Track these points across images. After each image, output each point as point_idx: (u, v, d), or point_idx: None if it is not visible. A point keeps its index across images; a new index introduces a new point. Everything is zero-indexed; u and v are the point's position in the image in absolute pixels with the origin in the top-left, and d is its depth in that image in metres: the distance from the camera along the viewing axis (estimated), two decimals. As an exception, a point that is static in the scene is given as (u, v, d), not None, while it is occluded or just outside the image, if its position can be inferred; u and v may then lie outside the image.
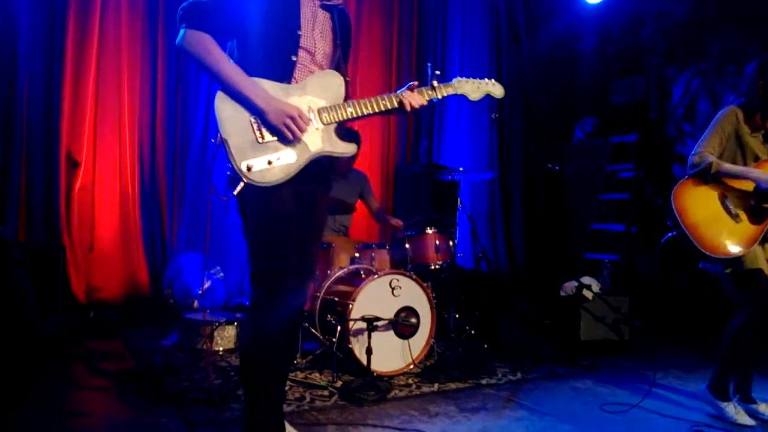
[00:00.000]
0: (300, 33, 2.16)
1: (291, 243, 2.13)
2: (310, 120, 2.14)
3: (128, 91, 4.80)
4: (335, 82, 2.22)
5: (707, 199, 3.06)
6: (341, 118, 2.19)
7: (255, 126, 2.06)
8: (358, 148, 2.45)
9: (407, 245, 4.06)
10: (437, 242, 4.08)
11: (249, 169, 2.03)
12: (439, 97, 2.36)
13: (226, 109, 2.05)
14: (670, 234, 3.11)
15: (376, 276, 3.51)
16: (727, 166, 3.06)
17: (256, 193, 2.06)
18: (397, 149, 6.12)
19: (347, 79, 2.26)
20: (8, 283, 3.33)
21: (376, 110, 2.24)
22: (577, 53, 6.97)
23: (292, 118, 2.07)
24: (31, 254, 3.99)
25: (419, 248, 4.08)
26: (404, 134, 6.15)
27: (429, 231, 4.10)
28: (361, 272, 3.77)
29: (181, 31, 2.07)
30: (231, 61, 2.09)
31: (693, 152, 3.11)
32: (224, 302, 4.86)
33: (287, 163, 2.09)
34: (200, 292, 4.60)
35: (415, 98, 2.26)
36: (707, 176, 3.06)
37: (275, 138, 2.08)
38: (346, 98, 2.23)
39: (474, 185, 6.39)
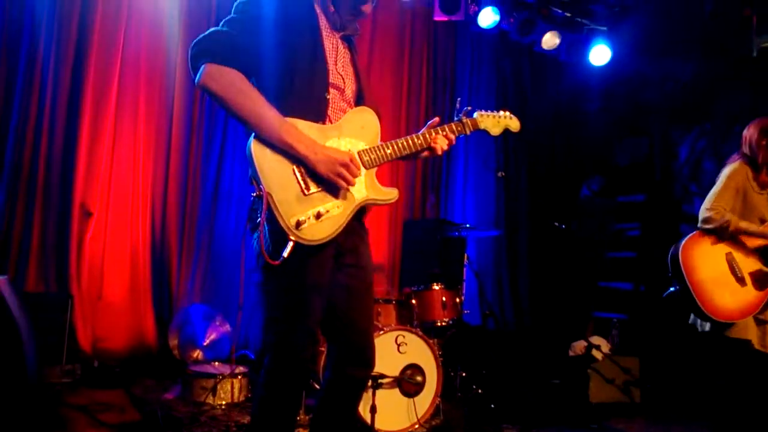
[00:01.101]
0: (328, 68, 2.01)
1: (318, 310, 1.92)
2: (360, 166, 1.97)
3: (144, 143, 4.90)
4: (371, 120, 2.06)
5: (715, 257, 3.05)
6: (382, 161, 2.03)
7: (299, 176, 1.85)
8: None
9: (413, 301, 4.05)
10: (444, 299, 4.06)
11: (299, 225, 1.81)
12: (467, 132, 2.28)
13: (265, 158, 1.82)
14: (672, 288, 3.09)
15: (381, 332, 3.49)
16: (745, 225, 3.06)
17: (296, 252, 1.80)
18: (404, 204, 6.17)
19: (378, 114, 2.11)
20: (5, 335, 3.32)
21: (413, 150, 2.10)
22: (582, 113, 7.09)
23: (345, 166, 1.88)
24: (38, 303, 4.00)
25: (426, 304, 4.06)
26: (412, 189, 6.20)
27: (436, 287, 4.10)
28: (373, 323, 3.75)
29: (203, 67, 1.85)
30: (267, 101, 1.87)
31: (706, 206, 3.11)
32: (229, 354, 4.82)
33: (336, 215, 1.88)
34: (205, 343, 4.57)
35: (443, 141, 2.16)
36: (725, 235, 3.05)
37: (320, 188, 1.87)
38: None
39: (481, 241, 6.41)
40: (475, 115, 2.32)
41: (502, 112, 2.40)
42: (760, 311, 2.99)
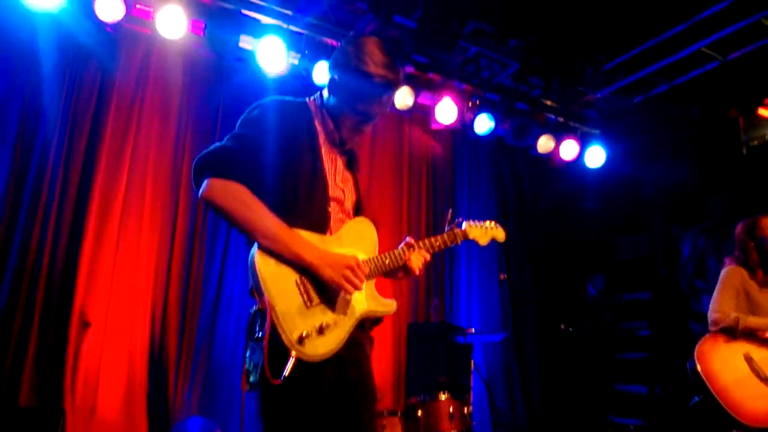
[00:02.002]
0: (327, 182, 2.06)
1: (317, 429, 1.86)
2: (367, 273, 1.96)
3: (146, 250, 4.88)
4: (369, 231, 2.10)
5: (734, 360, 2.99)
6: (381, 271, 2.05)
7: (302, 287, 1.84)
8: None
9: (419, 413, 3.92)
10: (451, 409, 3.93)
11: (301, 340, 1.76)
12: (458, 243, 2.34)
13: (269, 269, 1.80)
14: (696, 398, 2.98)
15: (387, 447, 3.35)
16: (753, 320, 3.03)
17: (297, 367, 1.75)
18: (408, 307, 6.10)
19: (376, 224, 2.15)
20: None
21: (402, 264, 2.12)
22: (582, 212, 7.19)
23: (352, 269, 1.88)
24: (29, 420, 3.87)
25: (432, 416, 3.92)
26: (416, 291, 6.16)
27: (442, 397, 3.97)
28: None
29: (206, 181, 1.89)
30: (272, 213, 1.89)
31: (712, 309, 3.10)
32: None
33: (338, 328, 1.86)
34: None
35: (418, 260, 2.16)
36: (735, 334, 3.01)
37: (323, 300, 1.86)
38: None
39: (488, 345, 6.28)
40: (464, 225, 2.38)
41: (488, 223, 2.48)
42: None
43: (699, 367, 2.96)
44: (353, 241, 2.03)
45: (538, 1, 4.94)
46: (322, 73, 4.93)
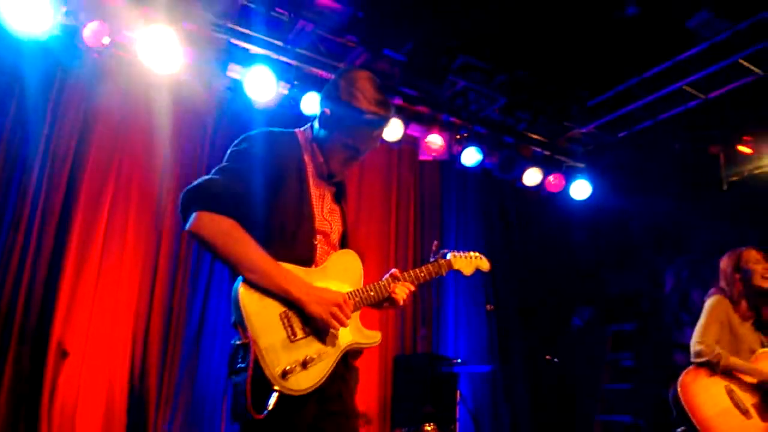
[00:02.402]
0: (314, 215, 2.06)
1: None
2: (352, 307, 1.97)
3: (128, 279, 4.82)
4: (354, 263, 2.10)
5: (716, 393, 3.02)
6: (366, 303, 2.06)
7: (286, 321, 1.83)
8: None
9: (406, 444, 3.89)
10: (437, 440, 3.91)
11: (285, 375, 1.74)
12: (443, 273, 2.35)
13: (252, 303, 1.79)
14: (679, 429, 3.01)
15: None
16: (734, 361, 3.06)
17: (279, 402, 1.73)
18: (395, 337, 6.07)
19: (361, 256, 2.14)
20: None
21: (386, 296, 2.14)
22: (568, 244, 7.25)
23: (339, 307, 1.89)
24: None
25: (419, 447, 3.90)
26: (402, 321, 6.14)
27: (428, 428, 3.95)
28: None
29: (194, 215, 1.86)
30: (259, 246, 1.88)
31: (696, 341, 3.13)
32: None
33: (322, 362, 1.85)
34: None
35: (403, 291, 2.18)
36: (716, 369, 3.05)
37: (307, 334, 1.85)
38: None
39: (475, 377, 6.26)
40: (449, 256, 2.40)
41: (473, 253, 2.50)
42: None
43: (682, 399, 2.98)
44: (338, 273, 2.03)
45: (526, 38, 5.07)
46: (311, 104, 4.96)
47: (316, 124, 2.17)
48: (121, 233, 4.88)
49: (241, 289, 1.81)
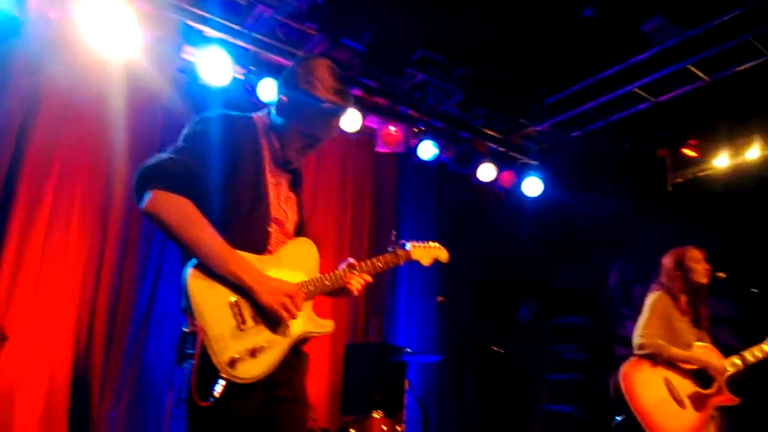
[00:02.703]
0: (270, 202, 2.03)
1: None
2: (305, 297, 1.96)
3: (72, 265, 4.66)
4: (310, 252, 2.08)
5: (654, 383, 3.15)
6: (321, 292, 2.04)
7: (236, 309, 1.81)
8: None
9: (352, 430, 3.92)
10: (384, 427, 3.96)
11: (233, 363, 1.73)
12: (401, 263, 2.34)
13: (202, 290, 1.77)
14: (618, 417, 3.13)
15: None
16: (674, 351, 3.20)
17: (227, 389, 1.73)
18: (347, 327, 6.10)
19: (317, 245, 2.13)
20: None
21: (341, 285, 2.13)
22: (519, 240, 7.40)
23: (291, 297, 1.87)
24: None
25: (365, 435, 3.94)
26: (354, 312, 6.18)
27: (376, 415, 4.00)
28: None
29: (150, 193, 1.81)
30: (215, 231, 1.85)
31: (638, 333, 3.25)
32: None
33: (272, 350, 1.84)
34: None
35: (358, 282, 2.18)
36: (657, 359, 3.17)
37: (257, 323, 1.83)
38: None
39: (424, 367, 6.35)
40: (408, 246, 2.39)
41: (432, 243, 2.49)
42: None
43: (623, 388, 3.10)
44: (293, 261, 2.01)
45: (485, 35, 5.13)
46: (267, 90, 4.89)
47: (273, 111, 2.13)
48: (67, 215, 4.72)
49: (190, 277, 1.79)
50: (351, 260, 2.23)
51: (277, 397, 1.93)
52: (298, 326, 1.94)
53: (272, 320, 1.86)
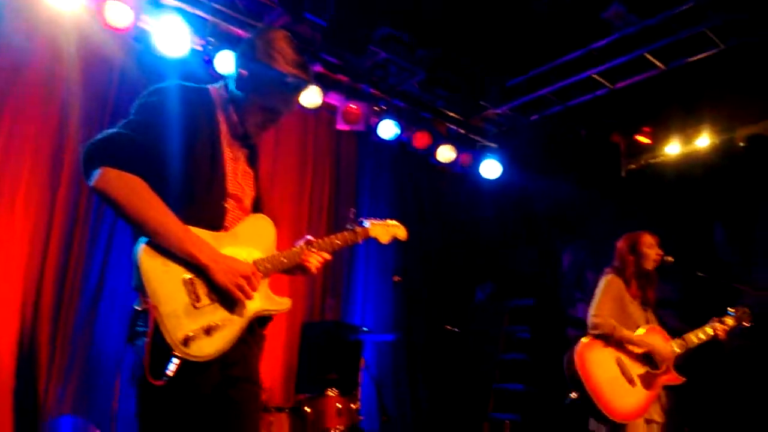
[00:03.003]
0: (227, 177, 1.99)
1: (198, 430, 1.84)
2: (261, 276, 1.93)
3: (18, 240, 4.47)
4: (267, 228, 2.05)
5: (606, 362, 3.25)
6: (278, 270, 2.02)
7: (190, 287, 1.77)
8: None
9: (307, 408, 3.93)
10: (339, 405, 3.97)
11: (186, 342, 1.70)
12: (359, 241, 2.33)
13: (155, 267, 1.73)
14: (571, 395, 3.22)
15: (273, 444, 3.33)
16: (625, 333, 3.30)
17: (180, 368, 1.70)
18: (304, 306, 6.08)
19: (275, 222, 2.10)
20: None
21: (298, 263, 2.11)
22: (477, 222, 7.49)
23: (247, 278, 1.84)
24: None
25: (320, 412, 3.95)
26: (311, 291, 6.16)
27: (330, 393, 4.01)
28: (258, 439, 3.57)
29: (99, 171, 1.76)
30: (167, 208, 1.80)
31: (592, 314, 3.34)
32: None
33: (227, 329, 1.81)
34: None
35: (316, 259, 2.17)
36: (610, 340, 3.27)
37: (212, 300, 1.81)
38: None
39: (380, 344, 6.39)
40: (366, 224, 2.38)
41: (390, 221, 2.49)
42: (647, 412, 3.18)
43: (576, 366, 3.19)
44: (249, 238, 1.98)
45: (449, 16, 5.11)
46: (225, 62, 4.76)
47: (231, 84, 2.07)
48: (13, 186, 4.52)
49: (142, 253, 1.74)
50: (309, 237, 2.21)
51: (232, 376, 1.91)
52: (254, 304, 1.91)
53: (228, 298, 1.83)
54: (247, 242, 1.96)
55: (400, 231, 2.51)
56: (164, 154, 1.85)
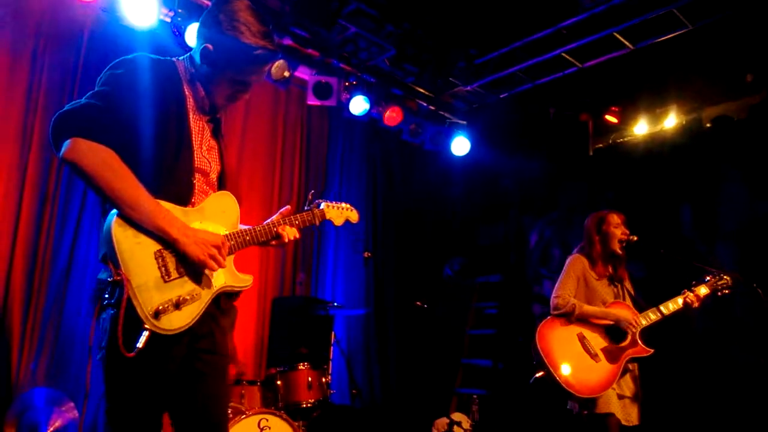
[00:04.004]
0: (194, 152, 2.00)
1: (165, 402, 1.91)
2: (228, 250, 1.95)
3: None
4: (232, 206, 2.07)
5: (568, 339, 3.30)
6: (242, 247, 2.04)
7: (160, 261, 1.80)
8: None
9: (279, 382, 3.96)
10: (310, 379, 4.01)
11: (157, 314, 1.73)
12: (317, 223, 2.37)
13: (127, 240, 1.75)
14: (538, 374, 3.27)
15: (243, 416, 3.37)
16: (588, 308, 3.35)
17: (150, 341, 1.72)
18: (275, 281, 6.09)
19: (239, 199, 2.13)
20: None
21: (268, 237, 2.15)
22: (446, 198, 7.54)
23: (218, 248, 1.88)
24: None
25: (291, 385, 3.98)
26: (282, 266, 6.16)
27: (301, 367, 4.04)
28: (228, 411, 3.58)
29: (69, 142, 1.76)
30: (139, 182, 1.81)
31: (554, 295, 3.39)
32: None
33: (195, 303, 1.85)
34: (48, 432, 4.10)
35: (292, 231, 2.22)
36: (571, 318, 3.33)
37: (181, 275, 1.84)
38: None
39: (350, 319, 6.45)
40: (323, 206, 2.42)
41: (344, 204, 2.54)
42: (619, 387, 3.24)
43: (539, 346, 3.24)
44: (215, 215, 2.00)
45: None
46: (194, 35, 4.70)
47: (197, 58, 2.05)
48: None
49: (115, 224, 1.76)
50: (276, 216, 2.25)
51: (199, 348, 1.94)
52: (219, 280, 1.95)
53: (196, 272, 1.87)
54: (212, 218, 1.99)
55: (352, 214, 2.56)
56: (132, 127, 1.85)
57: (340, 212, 2.48)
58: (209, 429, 1.95)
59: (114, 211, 1.79)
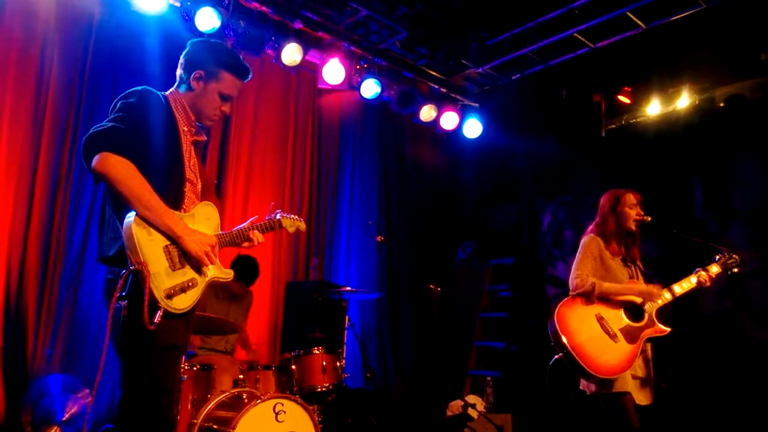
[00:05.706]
0: (185, 166, 2.43)
1: (176, 371, 2.34)
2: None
3: (2, 203, 4.47)
4: (214, 214, 2.51)
5: (587, 320, 3.27)
6: (223, 246, 2.50)
7: (167, 254, 2.21)
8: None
9: (293, 366, 3.99)
10: (324, 363, 4.04)
11: (170, 296, 2.15)
12: (276, 229, 2.82)
13: (144, 236, 2.16)
14: (556, 356, 3.27)
15: (259, 401, 3.40)
16: (608, 285, 3.33)
17: (164, 319, 2.12)
18: (288, 266, 6.12)
19: (220, 210, 2.56)
20: None
21: (243, 240, 2.59)
22: (458, 181, 7.52)
23: (212, 246, 2.35)
24: None
25: (306, 370, 4.02)
26: (296, 251, 6.19)
27: (316, 351, 4.07)
28: (244, 396, 3.59)
29: (101, 155, 2.17)
30: (152, 189, 2.22)
31: (572, 276, 3.36)
32: (92, 429, 4.43)
33: (194, 289, 2.28)
34: (64, 418, 4.19)
35: (259, 236, 2.65)
36: (591, 297, 3.31)
37: (184, 266, 2.26)
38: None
39: (363, 303, 6.48)
40: (279, 216, 2.86)
41: (295, 216, 2.97)
42: (632, 368, 3.23)
43: (557, 326, 3.22)
44: (202, 220, 2.44)
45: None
46: (206, 19, 4.69)
47: (183, 87, 2.52)
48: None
49: (135, 223, 2.16)
50: (252, 219, 2.74)
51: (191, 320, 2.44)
52: (211, 272, 2.39)
53: (194, 265, 2.30)
54: (201, 223, 2.43)
55: (302, 225, 2.98)
56: (143, 145, 2.29)
57: (292, 222, 2.92)
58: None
59: (131, 212, 2.17)
